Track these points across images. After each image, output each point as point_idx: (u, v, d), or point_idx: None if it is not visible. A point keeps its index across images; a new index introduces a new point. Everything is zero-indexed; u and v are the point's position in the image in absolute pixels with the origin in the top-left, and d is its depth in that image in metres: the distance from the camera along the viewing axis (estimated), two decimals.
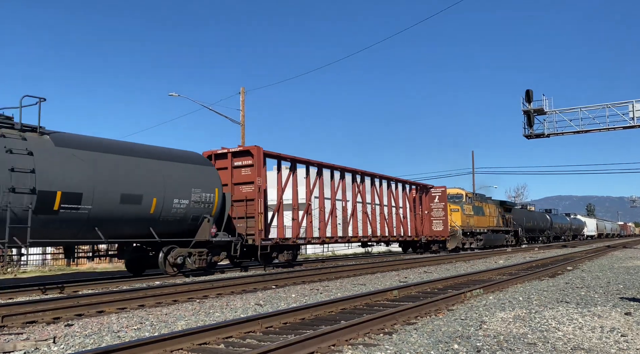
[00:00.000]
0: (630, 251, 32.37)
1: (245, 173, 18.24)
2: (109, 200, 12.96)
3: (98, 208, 12.76)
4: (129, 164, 13.68)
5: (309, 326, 7.03)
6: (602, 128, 27.89)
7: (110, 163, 13.24)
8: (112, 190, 13.07)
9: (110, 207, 13.05)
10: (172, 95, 29.10)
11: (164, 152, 15.26)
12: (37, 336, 6.79)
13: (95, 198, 12.67)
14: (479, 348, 5.87)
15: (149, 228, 14.20)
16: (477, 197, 38.35)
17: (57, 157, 12.11)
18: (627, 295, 10.56)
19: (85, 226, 12.74)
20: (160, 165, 14.56)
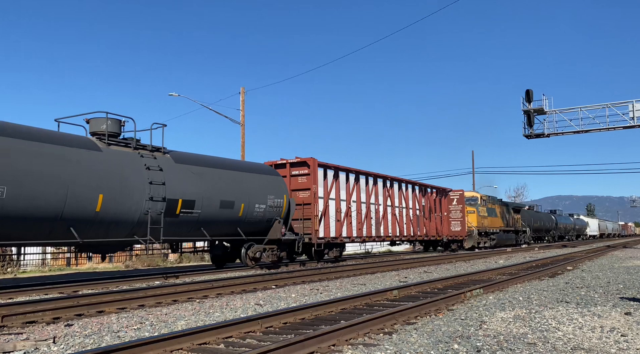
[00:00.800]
0: (630, 251, 32.37)
1: (301, 180, 21.01)
2: (212, 205, 15.93)
3: (205, 212, 15.72)
4: (224, 176, 16.74)
5: (309, 326, 7.03)
6: (602, 128, 27.89)
7: (213, 176, 16.30)
8: (215, 197, 16.01)
9: (213, 211, 15.99)
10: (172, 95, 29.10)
11: (247, 165, 18.65)
12: (37, 336, 6.79)
13: (203, 204, 15.59)
14: (479, 348, 5.87)
15: (236, 228, 17.19)
16: (490, 199, 40.56)
17: (177, 172, 15.15)
18: (627, 294, 10.56)
19: (195, 227, 15.67)
20: (245, 176, 17.57)
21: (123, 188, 13.39)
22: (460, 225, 33.55)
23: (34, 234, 11.95)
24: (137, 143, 14.53)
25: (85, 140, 13.40)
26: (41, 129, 12.66)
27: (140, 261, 23.36)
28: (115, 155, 13.62)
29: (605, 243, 54.63)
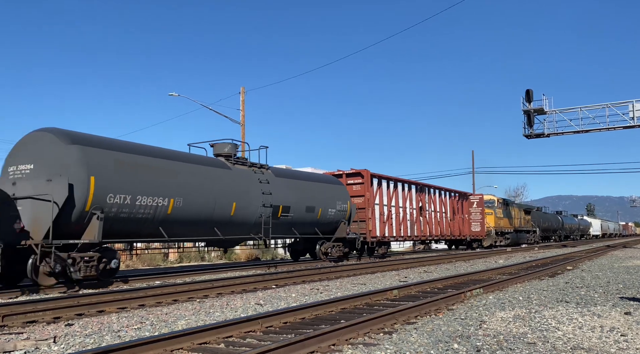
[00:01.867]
0: (630, 251, 32.37)
1: (356, 188, 24.54)
2: (300, 210, 19.82)
3: (296, 216, 19.62)
4: (307, 186, 20.68)
5: (309, 326, 7.04)
6: (602, 128, 27.88)
7: (300, 186, 20.22)
8: (302, 204, 19.86)
9: (301, 215, 19.85)
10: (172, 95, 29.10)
11: (321, 177, 22.82)
12: (37, 336, 6.79)
13: (295, 209, 19.47)
14: (479, 347, 5.88)
15: (315, 228, 21.08)
16: (505, 202, 44.10)
17: (277, 184, 18.92)
18: (627, 294, 10.57)
19: (289, 227, 19.61)
20: (321, 186, 21.48)
21: (246, 198, 17.29)
22: (480, 225, 36.92)
23: (194, 232, 15.73)
24: (250, 162, 18.65)
25: (219, 162, 17.35)
26: (192, 154, 16.82)
27: (140, 261, 23.42)
28: (239, 172, 17.55)
29: (605, 243, 54.65)
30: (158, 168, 14.31)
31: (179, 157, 15.48)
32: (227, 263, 24.12)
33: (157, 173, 14.21)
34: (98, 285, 12.74)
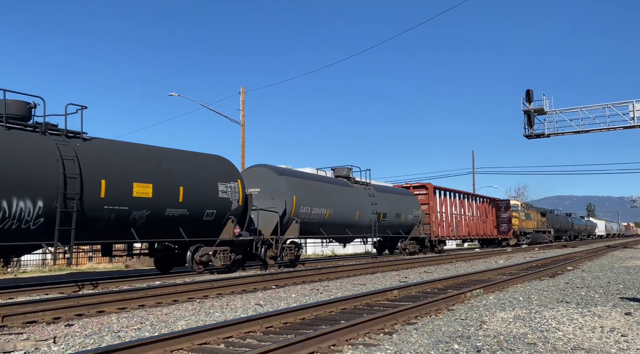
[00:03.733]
0: (631, 251, 32.36)
1: (421, 198, 30.88)
2: (392, 216, 26.14)
3: (389, 220, 26.08)
4: (395, 197, 27.08)
5: (309, 326, 7.03)
6: (602, 128, 27.87)
7: (390, 197, 26.67)
8: (393, 211, 26.31)
9: (392, 220, 26.23)
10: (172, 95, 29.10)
11: (401, 190, 29.75)
12: (37, 336, 6.79)
13: (389, 215, 25.81)
14: (479, 348, 5.87)
15: (399, 230, 27.42)
16: (526, 206, 51.49)
17: (378, 196, 25.22)
18: (627, 294, 10.56)
19: (383, 228, 25.84)
20: (402, 197, 28.08)
21: (363, 208, 23.64)
22: (507, 226, 42.94)
23: (336, 231, 22.45)
24: (362, 181, 24.92)
25: (345, 182, 23.97)
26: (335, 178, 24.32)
27: (140, 261, 23.42)
28: (357, 189, 24.11)
29: (606, 243, 54.67)
30: (321, 188, 21.28)
31: (329, 181, 23.06)
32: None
33: (321, 192, 21.14)
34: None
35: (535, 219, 51.76)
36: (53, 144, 12.36)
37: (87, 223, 12.76)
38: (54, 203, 11.98)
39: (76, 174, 12.38)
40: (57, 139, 12.61)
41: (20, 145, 11.76)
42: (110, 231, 13.52)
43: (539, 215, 53.57)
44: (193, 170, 15.66)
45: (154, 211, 14.17)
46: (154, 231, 14.56)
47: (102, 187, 12.94)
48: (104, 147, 13.65)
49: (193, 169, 15.68)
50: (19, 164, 11.55)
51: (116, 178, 13.28)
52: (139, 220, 13.85)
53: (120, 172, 13.44)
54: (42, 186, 11.86)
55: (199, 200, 15.40)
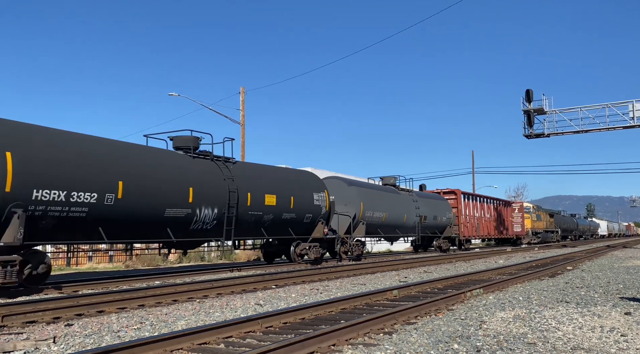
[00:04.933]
0: (630, 251, 32.36)
1: (450, 202, 34.30)
2: (430, 218, 30.22)
3: (428, 222, 30.11)
4: (432, 202, 31.12)
5: (309, 326, 7.03)
6: (602, 128, 27.88)
7: (428, 202, 30.57)
8: (431, 214, 30.29)
9: (431, 221, 30.29)
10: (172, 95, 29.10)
11: (436, 195, 33.70)
12: (37, 336, 6.79)
13: (428, 217, 29.90)
14: (479, 347, 5.87)
15: (435, 230, 31.73)
16: (537, 208, 55.73)
17: (420, 202, 29.17)
18: (627, 294, 10.56)
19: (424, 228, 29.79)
20: (437, 201, 32.25)
21: (409, 211, 27.80)
22: (520, 226, 46.86)
23: (390, 231, 26.54)
24: (406, 189, 28.99)
25: (394, 189, 27.91)
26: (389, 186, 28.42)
27: (140, 261, 23.43)
28: (403, 195, 28.13)
29: (605, 243, 54.71)
30: (379, 195, 25.47)
31: (383, 189, 26.98)
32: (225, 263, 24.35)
33: (380, 198, 25.19)
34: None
35: (545, 220, 56.31)
36: (219, 168, 16.54)
37: (239, 224, 16.85)
38: (222, 210, 16.11)
39: (235, 189, 16.55)
40: (220, 164, 16.75)
41: (204, 169, 16.00)
42: (250, 231, 17.84)
43: (547, 216, 58.03)
44: (297, 183, 19.99)
45: (276, 215, 18.39)
46: (274, 230, 18.71)
47: (248, 198, 17.14)
48: (245, 168, 18.21)
49: (297, 183, 20.04)
50: (205, 183, 15.67)
51: (256, 191, 17.53)
52: (266, 222, 18.13)
53: (258, 186, 17.75)
54: (217, 198, 15.95)
55: (302, 206, 19.61)
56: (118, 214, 13.13)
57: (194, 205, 15.10)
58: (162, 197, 14.20)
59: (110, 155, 13.32)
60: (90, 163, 12.59)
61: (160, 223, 14.40)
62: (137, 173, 13.67)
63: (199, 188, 15.29)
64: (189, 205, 14.96)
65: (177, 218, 14.71)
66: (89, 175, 12.43)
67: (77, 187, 12.12)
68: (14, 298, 10.56)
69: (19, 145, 11.27)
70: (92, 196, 12.44)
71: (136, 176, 13.61)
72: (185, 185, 14.93)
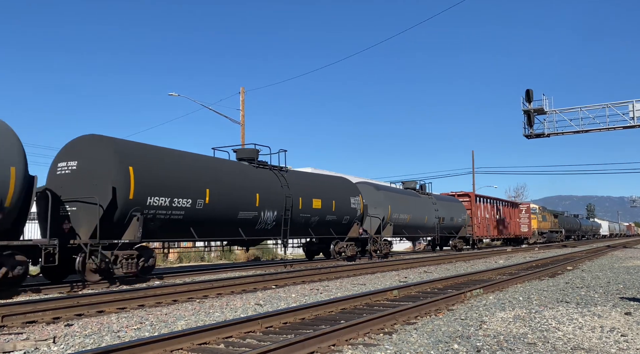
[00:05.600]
0: (630, 251, 32.36)
1: (465, 204, 36.67)
2: (447, 219, 32.43)
3: (446, 223, 32.42)
4: (447, 205, 33.17)
5: (309, 326, 7.03)
6: (602, 128, 27.85)
7: (446, 205, 32.96)
8: (448, 216, 32.54)
9: (448, 222, 32.64)
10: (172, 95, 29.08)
11: (453, 198, 35.96)
12: (37, 336, 6.78)
13: (446, 219, 32.16)
14: (479, 347, 5.87)
15: (452, 231, 33.95)
16: (543, 209, 58.01)
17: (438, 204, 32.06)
18: (627, 294, 10.56)
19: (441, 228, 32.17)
20: (453, 204, 34.24)
21: (429, 213, 30.15)
22: (527, 227, 49.45)
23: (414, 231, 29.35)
24: (426, 192, 31.82)
25: (415, 193, 30.59)
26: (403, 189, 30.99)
27: None
28: (424, 198, 30.63)
29: (605, 243, 54.73)
30: (404, 199, 27.95)
31: (406, 192, 29.64)
32: (226, 263, 24.45)
33: (404, 202, 27.79)
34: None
35: (550, 220, 59.17)
36: (276, 176, 19.01)
37: (292, 225, 19.28)
38: (280, 213, 18.51)
39: (290, 195, 18.92)
40: (277, 172, 19.24)
41: (266, 177, 18.50)
42: (300, 230, 20.36)
43: (552, 217, 60.83)
44: (337, 188, 22.41)
45: (321, 217, 20.89)
46: (319, 230, 21.23)
47: (300, 202, 19.47)
48: (296, 176, 20.54)
49: (337, 188, 22.44)
50: (267, 189, 18.04)
51: (305, 196, 19.93)
52: (313, 223, 20.61)
53: (307, 192, 20.15)
54: (276, 202, 18.36)
55: (342, 209, 22.06)
56: (205, 216, 15.57)
57: (260, 208, 17.68)
58: (236, 202, 16.68)
59: (199, 167, 15.86)
60: (186, 175, 15.09)
61: (234, 224, 16.90)
62: (218, 182, 16.15)
63: (263, 194, 17.85)
64: (256, 208, 17.53)
65: (246, 219, 17.24)
66: (185, 184, 14.93)
67: (177, 194, 14.63)
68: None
69: (138, 161, 13.81)
70: (187, 202, 14.91)
71: (218, 184, 16.08)
72: (253, 192, 17.48)
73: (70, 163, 13.62)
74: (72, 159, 13.63)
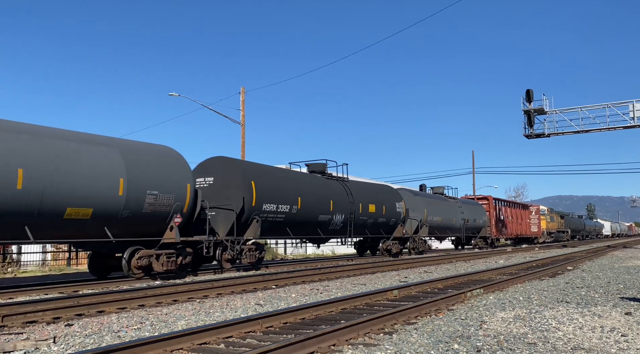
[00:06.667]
0: (631, 251, 32.35)
1: (484, 206, 40.28)
2: (471, 221, 35.86)
3: (469, 223, 36.02)
4: (472, 208, 36.80)
5: (309, 326, 7.03)
6: (602, 128, 27.85)
7: (469, 208, 36.26)
8: (472, 218, 36.05)
9: (472, 223, 36.17)
10: (172, 95, 29.08)
11: (474, 201, 39.36)
12: (37, 336, 6.79)
13: (469, 220, 35.65)
14: (479, 347, 5.87)
15: (474, 231, 37.65)
16: (550, 210, 62.36)
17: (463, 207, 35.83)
18: (628, 294, 10.56)
19: (466, 229, 35.52)
20: (473, 206, 37.49)
21: (457, 215, 33.68)
22: (537, 227, 52.95)
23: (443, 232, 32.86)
24: (454, 197, 35.29)
25: (442, 197, 33.68)
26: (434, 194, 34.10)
27: None
28: (451, 202, 34.00)
29: (606, 243, 54.71)
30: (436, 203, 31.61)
31: (437, 197, 32.81)
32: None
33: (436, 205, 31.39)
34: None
35: (557, 221, 63.60)
36: (342, 185, 22.85)
37: (354, 226, 23.18)
38: (346, 216, 22.31)
39: (353, 201, 22.88)
40: (342, 183, 23.09)
41: (335, 187, 22.38)
42: (359, 231, 24.06)
43: (559, 218, 65.34)
44: (385, 195, 26.28)
45: (374, 219, 24.65)
46: (372, 231, 25.04)
47: (360, 207, 23.32)
48: (355, 185, 24.20)
49: (385, 194, 26.28)
50: (337, 197, 21.91)
51: (364, 202, 23.71)
52: (369, 225, 24.44)
53: (364, 198, 23.89)
54: (344, 207, 22.28)
55: (390, 212, 25.77)
56: (298, 219, 19.50)
57: (333, 212, 21.50)
58: (317, 207, 20.59)
59: (293, 180, 19.95)
60: (286, 187, 19.05)
61: (315, 225, 20.87)
62: (306, 191, 20.13)
63: (335, 201, 21.72)
64: (330, 213, 21.37)
65: (323, 221, 21.15)
66: (285, 194, 18.80)
67: (281, 201, 18.51)
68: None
69: (257, 177, 17.82)
70: (286, 207, 18.76)
71: (306, 193, 20.04)
72: (328, 199, 21.29)
73: (207, 179, 17.56)
74: (208, 175, 17.58)
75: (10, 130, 11.52)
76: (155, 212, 14.09)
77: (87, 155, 12.70)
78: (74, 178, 12.22)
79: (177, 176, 14.78)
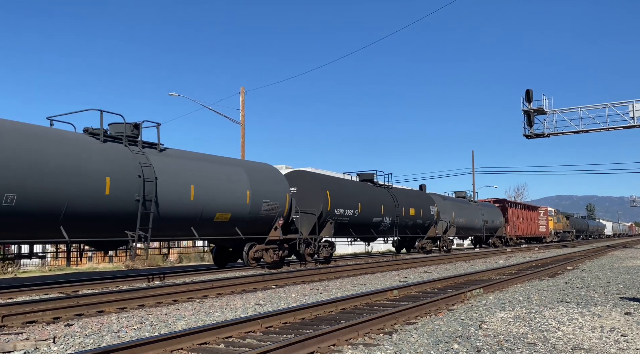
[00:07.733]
0: (630, 251, 32.36)
1: (499, 208, 43.60)
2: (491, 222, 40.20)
3: (489, 225, 40.03)
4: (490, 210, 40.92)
5: (309, 326, 7.03)
6: (602, 128, 27.85)
7: (486, 211, 39.95)
8: (480, 219, 37.78)
9: (491, 224, 40.36)
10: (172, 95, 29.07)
11: (490, 204, 42.81)
12: (37, 336, 6.78)
13: (488, 221, 39.48)
14: (479, 347, 5.87)
15: (492, 231, 40.59)
16: (557, 211, 66.88)
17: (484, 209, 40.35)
18: (627, 294, 10.56)
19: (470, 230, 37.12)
20: (492, 209, 41.88)
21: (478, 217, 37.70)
22: (545, 227, 56.66)
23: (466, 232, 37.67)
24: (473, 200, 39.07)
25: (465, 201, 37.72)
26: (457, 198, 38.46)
27: (140, 261, 23.41)
28: (473, 205, 37.86)
29: (605, 243, 54.73)
30: (461, 206, 34.90)
31: (461, 201, 36.55)
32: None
33: (462, 208, 34.73)
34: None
35: (563, 222, 67.62)
36: (388, 192, 26.85)
37: (397, 227, 26.77)
38: (392, 218, 25.89)
39: (398, 206, 26.49)
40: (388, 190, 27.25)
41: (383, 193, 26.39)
42: (402, 231, 27.64)
43: (564, 219, 69.28)
44: (421, 199, 29.95)
45: (414, 221, 28.35)
46: (411, 231, 28.72)
47: (403, 211, 26.99)
48: (398, 191, 27.95)
49: (421, 199, 29.99)
50: (385, 202, 25.79)
51: (406, 206, 27.42)
52: (409, 225, 28.10)
53: (406, 203, 27.56)
54: (391, 211, 25.75)
55: (425, 215, 29.46)
56: (358, 221, 23.15)
57: (383, 215, 25.02)
58: (372, 211, 24.13)
59: (355, 188, 24.01)
60: (351, 193, 22.86)
61: (369, 226, 24.40)
62: (364, 199, 23.67)
63: (384, 205, 25.13)
64: (381, 216, 24.88)
65: (376, 223, 24.72)
66: (350, 200, 22.48)
67: (347, 206, 22.12)
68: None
69: (330, 186, 21.51)
70: (351, 211, 22.41)
71: (364, 199, 23.58)
72: (379, 204, 24.77)
73: (291, 188, 20.43)
74: (292, 186, 20.69)
75: (184, 157, 15.88)
76: (267, 216, 18.24)
77: (226, 174, 16.89)
78: (221, 191, 16.34)
79: (279, 187, 19.01)
